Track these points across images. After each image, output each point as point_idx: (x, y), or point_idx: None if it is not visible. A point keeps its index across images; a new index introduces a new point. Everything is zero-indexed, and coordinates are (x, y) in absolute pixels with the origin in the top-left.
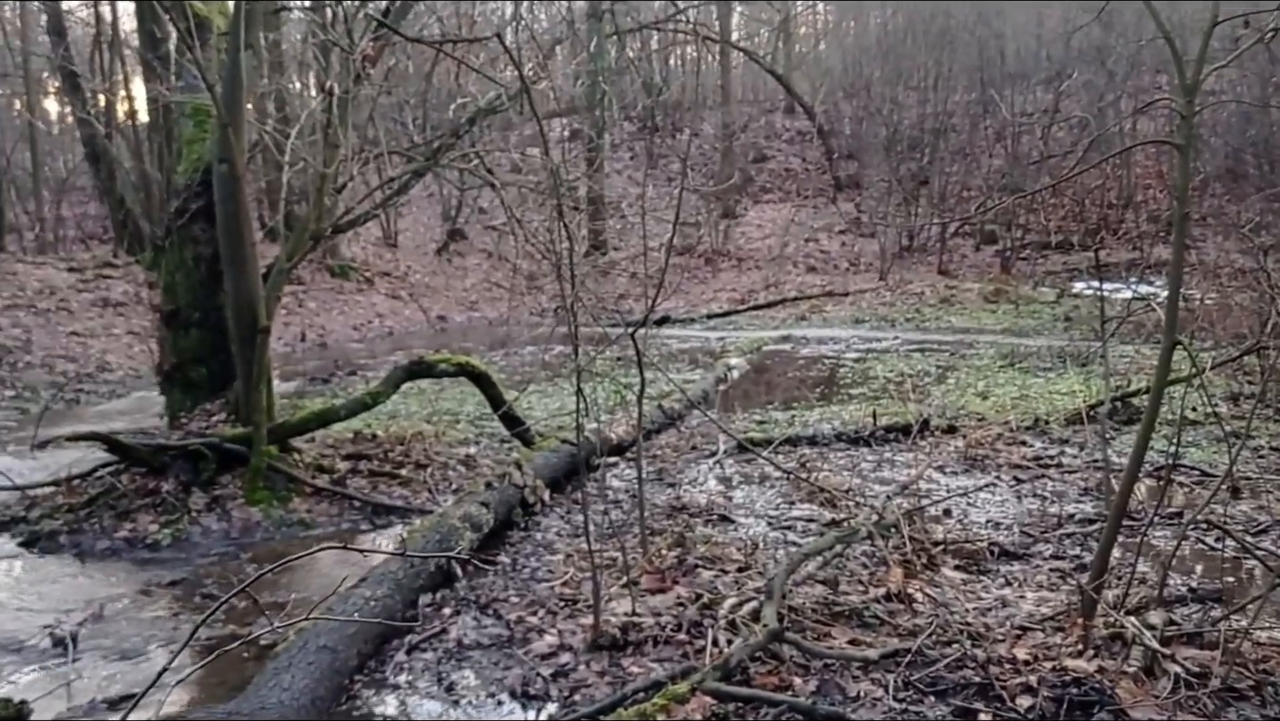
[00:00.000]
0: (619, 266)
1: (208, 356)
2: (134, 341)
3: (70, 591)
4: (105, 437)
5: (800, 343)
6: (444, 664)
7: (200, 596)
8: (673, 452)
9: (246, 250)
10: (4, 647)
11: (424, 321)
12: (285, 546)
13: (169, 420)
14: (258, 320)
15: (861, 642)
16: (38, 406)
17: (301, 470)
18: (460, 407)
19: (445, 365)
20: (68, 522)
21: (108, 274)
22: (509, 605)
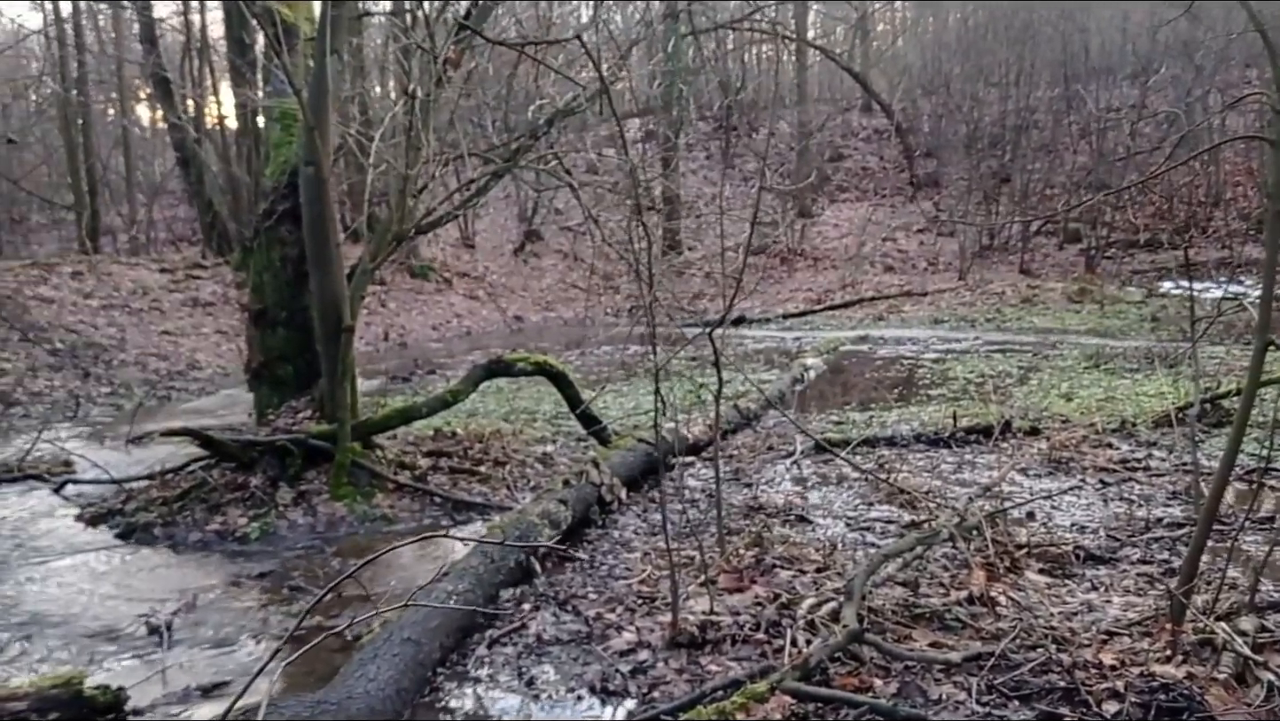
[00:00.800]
0: (694, 266)
1: (294, 355)
2: (221, 340)
3: (164, 582)
4: (197, 434)
5: (878, 343)
6: (524, 658)
7: (288, 589)
8: (749, 453)
9: (331, 251)
10: (102, 635)
11: (501, 321)
12: (369, 541)
13: (257, 417)
14: (342, 319)
15: (943, 645)
16: (132, 403)
17: (384, 466)
18: (537, 406)
19: (524, 364)
20: (161, 515)
21: (197, 274)
22: (587, 601)
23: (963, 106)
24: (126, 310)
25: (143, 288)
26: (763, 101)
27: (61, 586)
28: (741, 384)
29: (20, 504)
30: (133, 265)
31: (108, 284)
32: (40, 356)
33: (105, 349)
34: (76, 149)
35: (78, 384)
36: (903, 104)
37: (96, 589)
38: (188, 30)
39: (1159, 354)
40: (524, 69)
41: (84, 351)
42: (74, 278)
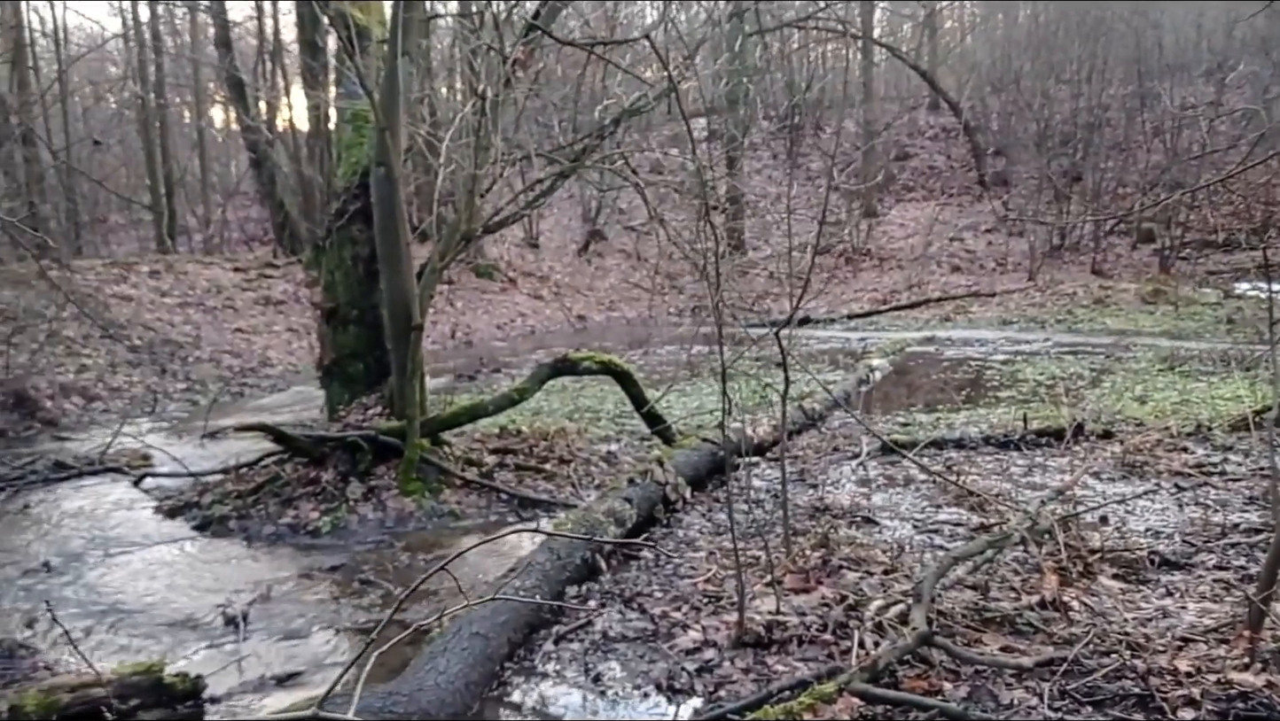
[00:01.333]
0: (758, 266)
1: (364, 352)
2: (293, 338)
3: (239, 573)
4: (270, 429)
5: (945, 344)
6: (590, 655)
7: (358, 582)
8: (814, 453)
9: (402, 250)
10: (180, 624)
11: (564, 321)
12: (436, 537)
13: (328, 413)
14: (411, 317)
15: (1014, 650)
16: (207, 399)
17: (452, 463)
18: (601, 405)
19: (589, 363)
20: (236, 508)
21: (269, 274)
22: (653, 600)
23: (1033, 104)
24: (201, 308)
25: (217, 286)
26: (828, 100)
27: (141, 576)
28: (807, 384)
29: (102, 496)
30: (207, 264)
31: (184, 282)
32: (120, 353)
33: (181, 346)
34: (155, 151)
35: (155, 380)
36: (971, 102)
37: (174, 579)
38: (261, 34)
39: (1235, 356)
40: (591, 69)
41: (161, 348)
42: (152, 276)
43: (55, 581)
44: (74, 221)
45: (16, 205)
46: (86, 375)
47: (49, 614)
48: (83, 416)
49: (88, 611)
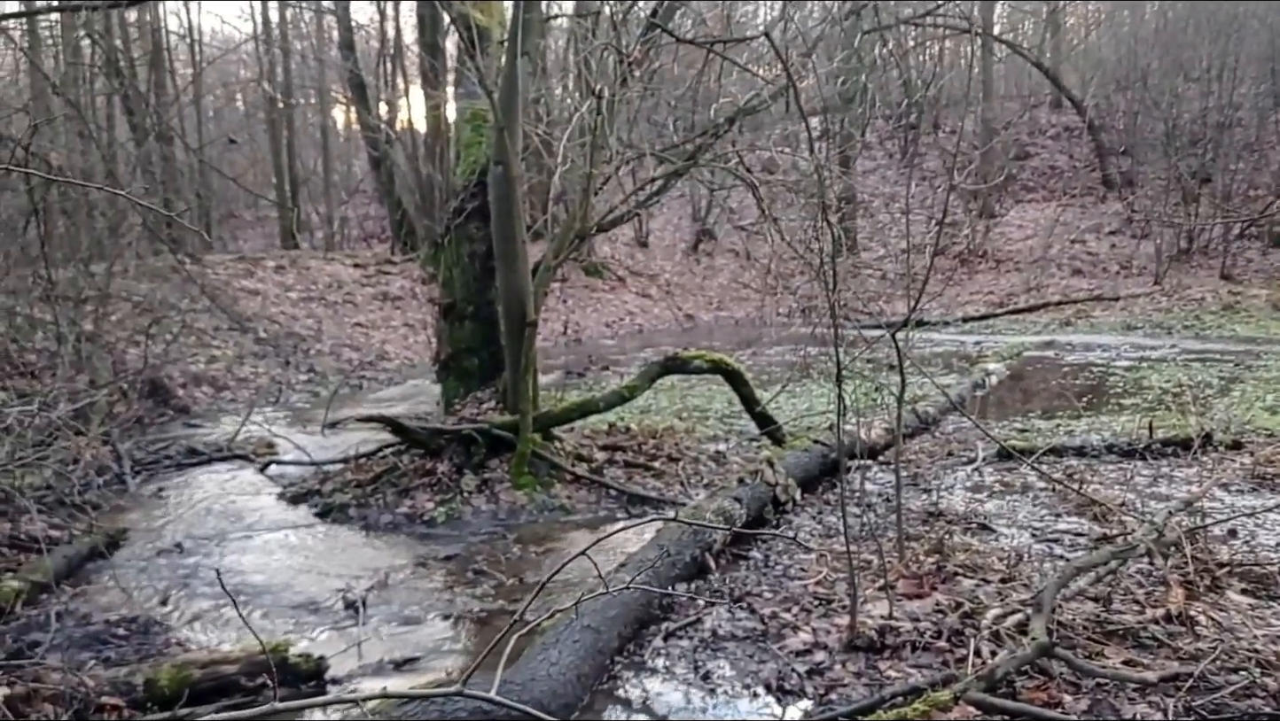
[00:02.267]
0: (870, 267)
1: (479, 347)
2: (409, 333)
3: (358, 559)
4: (389, 421)
5: (1064, 349)
6: (700, 652)
7: (472, 572)
8: (928, 458)
9: (518, 247)
10: (303, 607)
11: (673, 320)
12: (547, 530)
13: (444, 406)
14: (526, 314)
15: (1138, 664)
16: (327, 390)
17: (563, 458)
18: (709, 405)
19: (699, 361)
20: (356, 497)
21: (387, 270)
22: (762, 600)
23: (1160, 102)
24: (323, 303)
25: (338, 282)
26: (946, 98)
27: (266, 559)
28: (920, 388)
29: (230, 481)
30: (329, 260)
31: (306, 278)
32: (247, 345)
33: (304, 339)
34: (282, 150)
35: (279, 371)
36: (1095, 100)
37: (297, 563)
38: (383, 36)
39: None
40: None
41: (285, 341)
42: (277, 272)
43: (188, 561)
44: (206, 218)
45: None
46: (216, 366)
47: (196, 588)
48: (212, 405)
49: (216, 592)
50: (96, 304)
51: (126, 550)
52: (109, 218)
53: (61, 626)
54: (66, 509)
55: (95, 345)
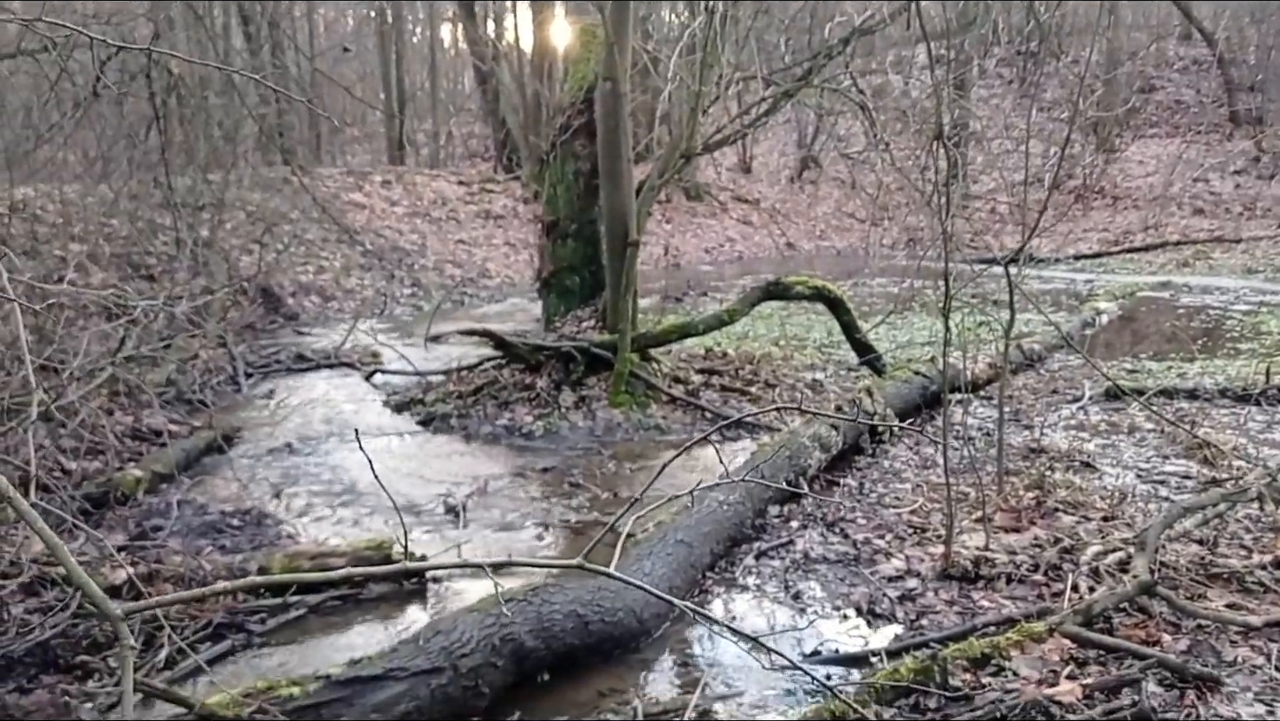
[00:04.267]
0: (981, 198)
1: (581, 266)
2: (510, 252)
3: (458, 467)
4: (492, 334)
5: (1181, 291)
6: (790, 573)
7: (568, 484)
8: (1031, 395)
9: (623, 165)
10: (405, 509)
11: (773, 248)
12: (642, 448)
13: (544, 323)
14: (629, 233)
15: (1242, 608)
16: (430, 304)
17: (659, 379)
18: (807, 334)
19: (801, 287)
20: (457, 408)
21: (490, 189)
22: (856, 526)
23: None
24: (428, 219)
25: (442, 198)
26: (1070, 26)
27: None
28: (1026, 325)
29: (337, 387)
30: (434, 177)
31: (412, 193)
32: (354, 257)
33: (408, 253)
34: (390, 66)
35: (384, 284)
36: (1226, 33)
37: (400, 468)
38: None
39: None
40: None
41: (390, 255)
42: (383, 186)
43: (297, 460)
44: (316, 131)
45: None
46: (324, 276)
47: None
48: (320, 314)
49: (325, 492)
50: (213, 211)
51: (240, 447)
52: (225, 127)
53: (180, 514)
54: (185, 405)
55: (211, 251)
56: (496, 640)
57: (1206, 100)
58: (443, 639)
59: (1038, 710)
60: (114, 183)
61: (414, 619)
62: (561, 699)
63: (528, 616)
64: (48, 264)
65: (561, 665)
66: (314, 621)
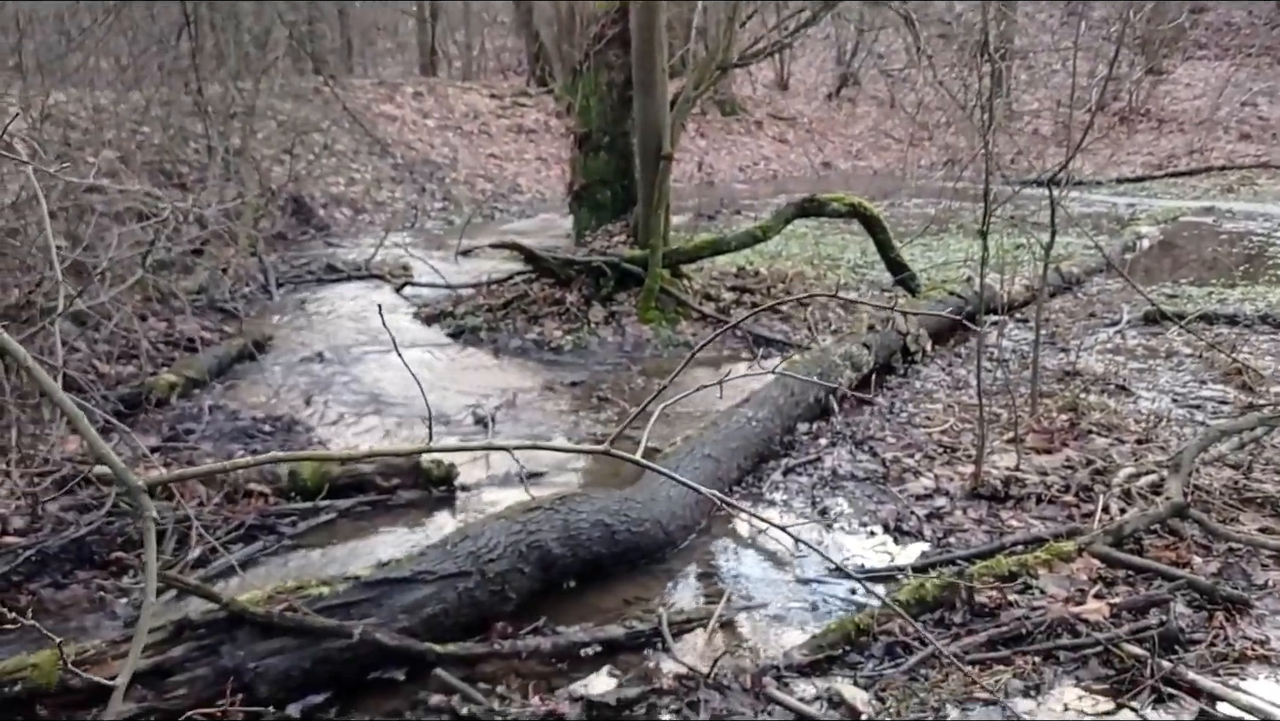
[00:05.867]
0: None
1: (613, 180)
2: (541, 167)
3: (487, 379)
4: (522, 248)
5: (1224, 216)
6: (818, 489)
7: (596, 399)
8: (1067, 318)
9: (657, 76)
10: (436, 420)
11: (808, 166)
12: (670, 364)
13: (575, 238)
14: (662, 146)
15: (1274, 532)
16: (461, 218)
17: (690, 295)
18: (841, 254)
19: (837, 204)
20: (486, 321)
21: (522, 102)
22: (885, 444)
23: None
24: (459, 132)
25: (474, 112)
26: None
27: (401, 373)
28: (1065, 248)
29: (367, 299)
30: (466, 90)
31: (443, 106)
32: (385, 169)
33: (439, 166)
34: None
35: (415, 197)
36: None
37: (430, 379)
38: None
39: None
40: None
41: (421, 167)
42: (415, 98)
43: (327, 369)
44: (347, 39)
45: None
46: (355, 188)
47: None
48: (350, 226)
49: (355, 400)
50: (244, 119)
51: (271, 355)
52: (255, 34)
53: (212, 419)
54: (217, 312)
55: (242, 160)
56: (523, 546)
57: (1258, 22)
58: (470, 544)
59: (1064, 627)
60: (145, 89)
61: (441, 526)
62: (587, 605)
63: (554, 524)
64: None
65: (588, 573)
66: (343, 526)
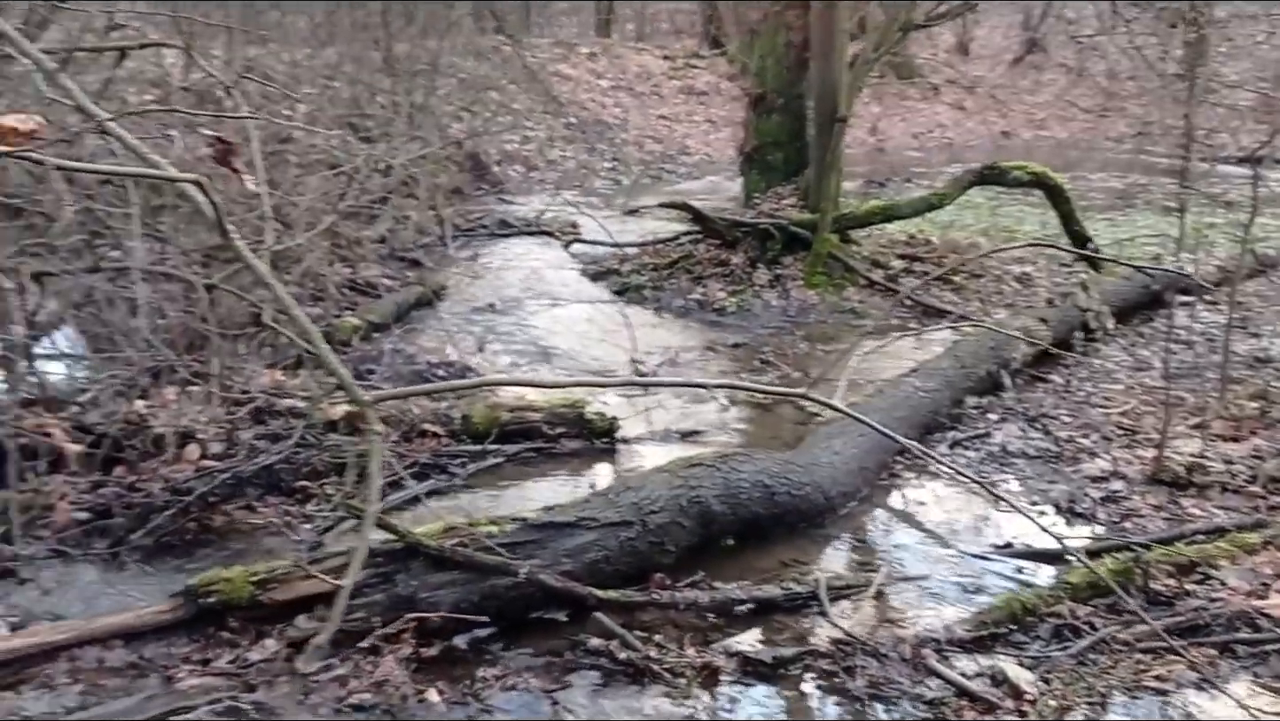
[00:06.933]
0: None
1: (786, 142)
2: (710, 129)
3: (650, 337)
4: (691, 208)
5: None
6: (986, 465)
7: (758, 361)
8: (1261, 302)
9: (837, 36)
10: (598, 373)
11: (986, 135)
12: (835, 331)
13: (744, 199)
14: (837, 108)
15: None
16: (629, 178)
17: (859, 262)
18: (1019, 226)
19: (1020, 173)
20: (651, 280)
21: (694, 64)
22: (1059, 423)
23: None
24: (630, 93)
25: (646, 73)
26: None
27: (566, 326)
28: (1261, 229)
29: (537, 254)
30: (639, 51)
31: (616, 67)
32: (558, 128)
33: (610, 127)
34: None
35: (585, 156)
36: None
37: (593, 334)
38: None
39: None
40: None
41: (592, 127)
42: (589, 58)
43: (498, 320)
44: None
45: None
46: (528, 146)
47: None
48: (522, 183)
49: (525, 350)
50: (427, 77)
51: (446, 304)
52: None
53: (391, 361)
54: (396, 261)
55: (425, 115)
56: (684, 501)
57: None
58: (633, 495)
59: (1243, 621)
60: (338, 46)
61: (602, 476)
62: (744, 564)
63: (715, 481)
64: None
65: (746, 532)
66: (510, 470)
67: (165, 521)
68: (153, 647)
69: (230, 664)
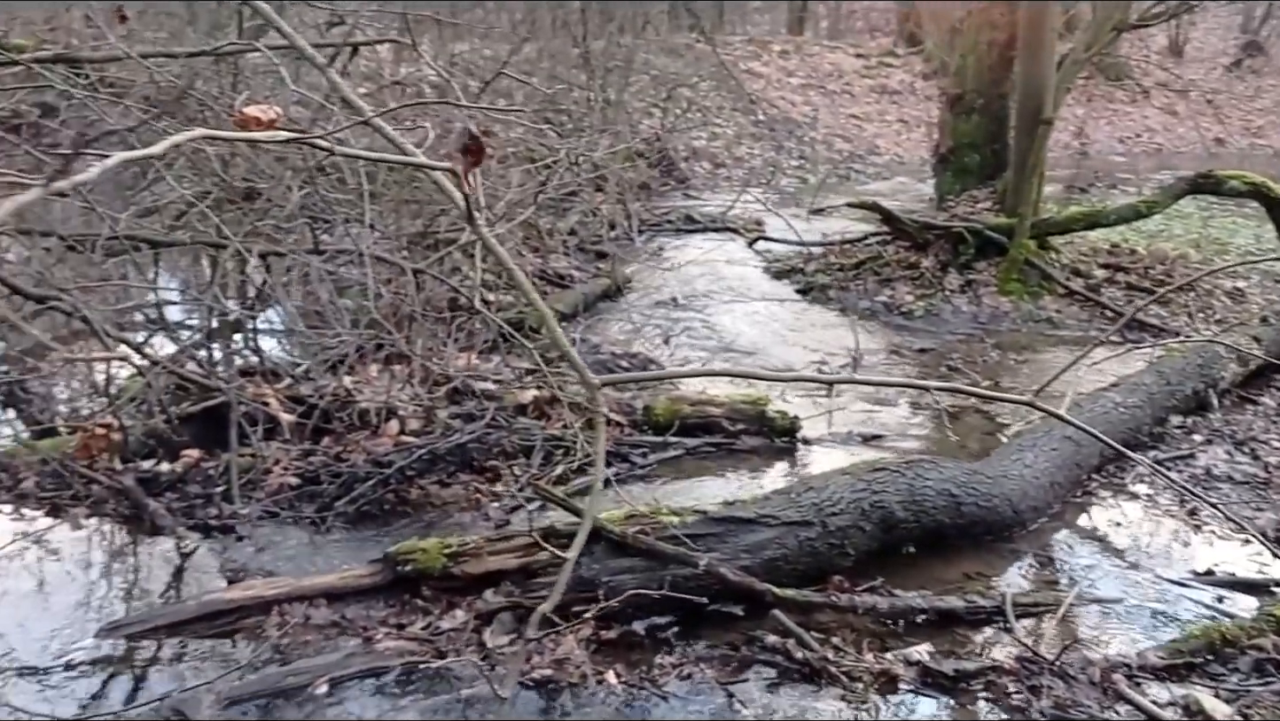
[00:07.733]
0: None
1: (983, 143)
2: (902, 129)
3: (833, 337)
4: (881, 209)
5: None
6: None
7: (945, 367)
8: None
9: (1046, 35)
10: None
11: (1198, 142)
12: (1029, 340)
13: (937, 201)
14: (1042, 110)
15: None
16: (816, 177)
17: (1057, 269)
18: (1231, 239)
19: (1237, 182)
20: (836, 280)
21: (888, 63)
22: (1269, 448)
23: None
24: (821, 91)
25: (838, 71)
26: None
27: (748, 323)
28: None
29: (722, 251)
30: (832, 49)
31: (808, 64)
32: (746, 126)
33: (799, 125)
34: None
35: (772, 154)
36: None
37: (776, 332)
38: None
39: None
40: None
41: (781, 125)
42: (781, 56)
43: (680, 314)
44: None
45: None
46: (716, 143)
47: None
48: (709, 179)
49: (707, 345)
50: (621, 73)
51: (630, 296)
52: None
53: (578, 350)
54: (583, 253)
55: (618, 111)
56: (866, 504)
57: None
58: (814, 495)
59: None
60: (538, 42)
61: (781, 474)
62: (926, 573)
63: (899, 487)
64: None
65: (928, 541)
66: (689, 463)
67: (366, 491)
68: (354, 609)
69: (423, 630)
